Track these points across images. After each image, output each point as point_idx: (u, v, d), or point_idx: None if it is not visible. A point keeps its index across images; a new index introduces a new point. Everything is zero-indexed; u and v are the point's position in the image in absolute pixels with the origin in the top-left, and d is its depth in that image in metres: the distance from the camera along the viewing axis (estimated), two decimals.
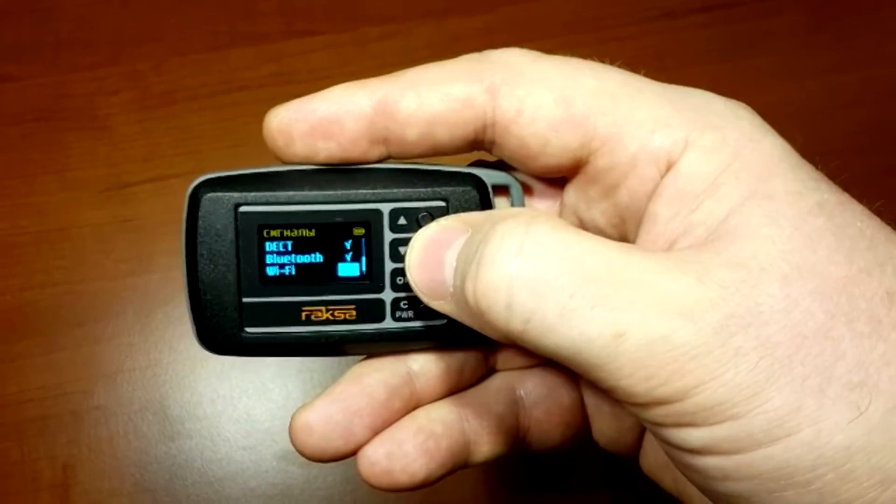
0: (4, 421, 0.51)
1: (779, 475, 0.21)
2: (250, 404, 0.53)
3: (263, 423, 0.52)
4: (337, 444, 0.28)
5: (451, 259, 0.24)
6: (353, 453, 0.28)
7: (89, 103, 0.57)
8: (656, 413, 0.22)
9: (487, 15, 0.60)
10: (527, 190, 0.29)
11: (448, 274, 0.24)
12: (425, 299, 0.25)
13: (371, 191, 0.28)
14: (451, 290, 0.24)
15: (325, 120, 0.26)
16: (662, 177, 0.24)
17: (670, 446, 0.23)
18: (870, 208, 0.24)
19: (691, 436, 0.21)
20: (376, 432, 0.29)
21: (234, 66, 0.59)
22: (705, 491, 0.24)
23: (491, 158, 0.29)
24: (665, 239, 0.24)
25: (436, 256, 0.25)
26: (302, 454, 0.28)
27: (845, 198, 0.23)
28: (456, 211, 0.28)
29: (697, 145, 0.24)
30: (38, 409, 0.52)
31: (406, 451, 0.28)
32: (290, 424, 0.28)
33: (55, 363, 0.52)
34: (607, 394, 0.22)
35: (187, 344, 0.54)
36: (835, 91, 0.60)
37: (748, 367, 0.20)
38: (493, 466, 0.53)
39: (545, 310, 0.21)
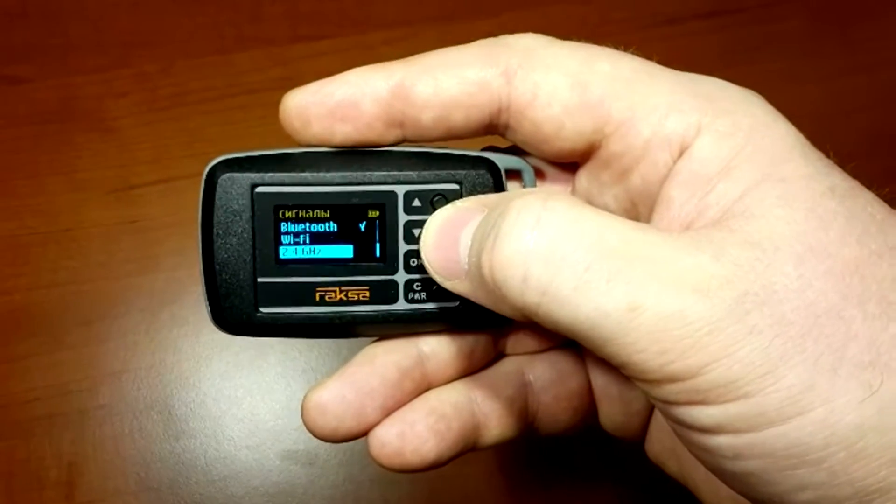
0: (10, 419, 0.51)
1: (791, 453, 0.21)
2: (254, 404, 0.53)
3: (267, 422, 0.53)
4: (349, 424, 0.28)
5: (466, 237, 0.24)
6: (364, 434, 0.29)
7: (98, 105, 0.58)
8: (668, 390, 0.22)
9: (493, 20, 0.60)
10: (539, 175, 0.29)
11: (463, 252, 0.24)
12: (439, 279, 0.25)
13: (386, 173, 0.28)
14: (466, 268, 0.24)
15: (343, 103, 0.26)
16: (675, 161, 0.24)
17: (681, 426, 0.23)
18: (878, 195, 0.24)
19: (703, 414, 0.21)
20: (388, 413, 0.29)
21: (241, 69, 0.59)
22: (715, 470, 0.24)
23: (503, 144, 0.29)
24: (679, 222, 0.24)
25: (451, 236, 0.25)
26: (314, 434, 0.28)
27: (855, 183, 0.23)
28: (469, 194, 0.28)
29: (711, 129, 0.24)
30: (43, 408, 0.52)
31: (417, 432, 0.28)
32: (303, 405, 0.28)
33: (61, 362, 0.53)
34: (618, 371, 0.22)
35: (192, 343, 0.54)
36: (839, 96, 0.60)
37: (762, 345, 0.20)
38: (494, 467, 0.53)
39: (560, 283, 0.21)
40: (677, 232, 0.24)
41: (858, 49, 0.62)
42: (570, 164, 0.29)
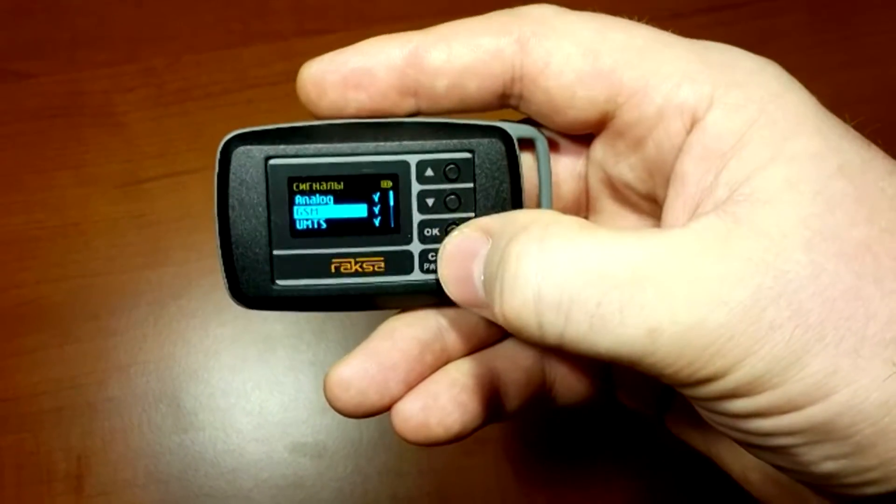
0: (20, 412, 0.52)
1: (818, 431, 0.21)
2: (263, 397, 0.53)
3: (275, 415, 0.53)
4: (373, 398, 0.28)
5: (478, 273, 0.25)
6: (388, 408, 0.29)
7: (105, 100, 0.58)
8: (700, 391, 0.22)
9: None
10: (553, 146, 0.29)
11: (479, 287, 0.25)
12: (474, 311, 0.26)
13: (398, 143, 0.28)
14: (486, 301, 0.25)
15: (357, 71, 0.27)
16: (688, 132, 0.24)
17: (711, 413, 0.23)
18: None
19: (734, 405, 0.22)
20: (410, 387, 0.29)
21: (247, 63, 0.59)
22: (743, 444, 0.24)
23: (517, 118, 0.29)
24: (694, 200, 0.24)
25: (464, 270, 0.25)
26: (338, 410, 0.28)
27: (869, 155, 0.23)
28: (482, 163, 0.28)
29: (722, 102, 0.24)
30: (52, 401, 0.52)
31: (441, 404, 0.28)
32: (325, 381, 0.28)
33: (70, 355, 0.53)
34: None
35: (201, 337, 0.54)
36: (842, 90, 0.60)
37: (784, 339, 0.21)
38: (501, 458, 0.53)
39: (576, 323, 0.22)
40: (691, 210, 0.24)
41: (861, 43, 0.62)
42: (584, 135, 0.29)
